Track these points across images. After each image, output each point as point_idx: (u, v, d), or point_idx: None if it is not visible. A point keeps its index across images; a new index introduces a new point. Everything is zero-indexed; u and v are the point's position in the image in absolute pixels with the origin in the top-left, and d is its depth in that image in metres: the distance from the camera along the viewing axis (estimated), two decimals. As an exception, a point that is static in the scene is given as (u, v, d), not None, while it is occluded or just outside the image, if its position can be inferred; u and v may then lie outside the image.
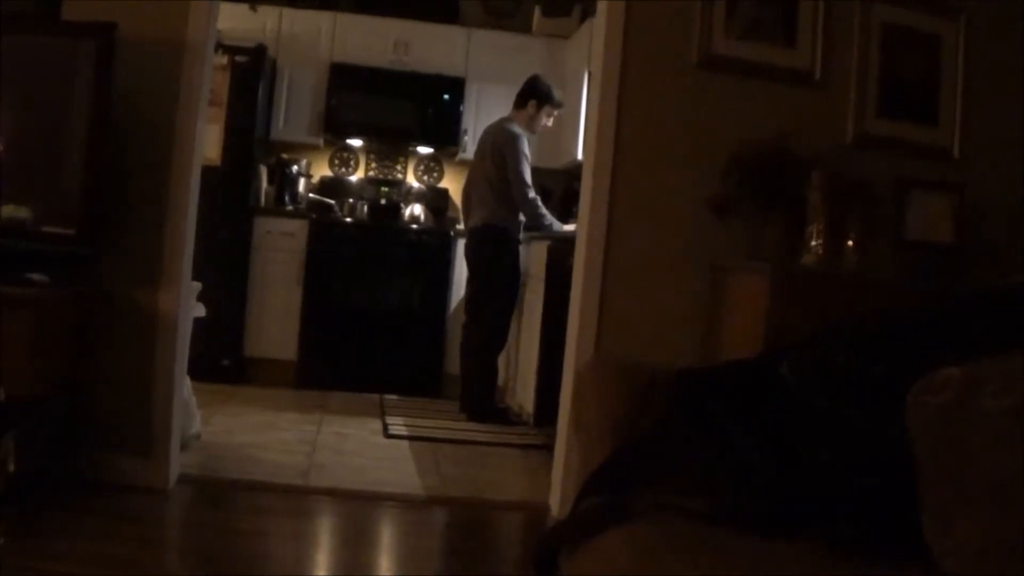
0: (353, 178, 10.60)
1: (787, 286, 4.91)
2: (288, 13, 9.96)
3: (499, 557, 5.36)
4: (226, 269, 8.95)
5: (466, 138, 10.17)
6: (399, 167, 10.74)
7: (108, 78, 5.04)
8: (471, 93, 10.26)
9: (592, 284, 5.51)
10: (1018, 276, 2.91)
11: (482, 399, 8.47)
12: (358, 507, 5.64)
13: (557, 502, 5.68)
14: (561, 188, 10.22)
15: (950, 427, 1.91)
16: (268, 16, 9.80)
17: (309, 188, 10.18)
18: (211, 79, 5.75)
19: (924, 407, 1.98)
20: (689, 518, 2.60)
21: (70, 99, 5.03)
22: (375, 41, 10.08)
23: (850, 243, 5.23)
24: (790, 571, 2.23)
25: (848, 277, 5.15)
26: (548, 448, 6.70)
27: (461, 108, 10.21)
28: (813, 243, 5.19)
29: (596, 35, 5.84)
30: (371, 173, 10.67)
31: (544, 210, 8.36)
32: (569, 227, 7.97)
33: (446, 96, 10.17)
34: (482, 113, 9.93)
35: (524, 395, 8.35)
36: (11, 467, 3.87)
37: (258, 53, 9.25)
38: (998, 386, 1.86)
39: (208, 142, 7.38)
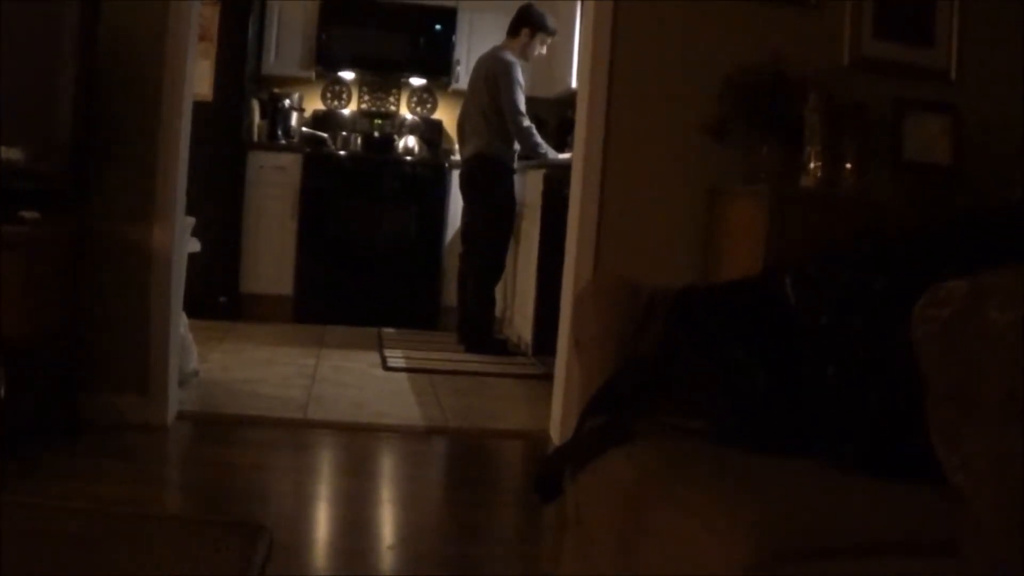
0: (346, 111, 10.56)
1: (786, 208, 4.89)
2: (277, -54, 9.87)
3: (500, 484, 5.37)
4: (220, 205, 8.93)
5: (459, 68, 10.14)
6: (392, 99, 10.70)
7: (96, 14, 5.00)
8: (463, 23, 10.21)
9: (589, 210, 5.48)
10: (1017, 195, 2.90)
11: (480, 330, 8.47)
12: (358, 439, 5.64)
13: (557, 430, 5.68)
14: (556, 117, 10.16)
15: (956, 340, 1.89)
16: (257, -50, 9.72)
17: (302, 122, 10.15)
18: (200, 13, 5.70)
19: (929, 320, 1.96)
20: (691, 437, 2.60)
21: (58, 36, 4.98)
22: (365, -28, 9.99)
23: (848, 165, 5.20)
24: (794, 489, 2.22)
25: (847, 198, 5.13)
26: (547, 377, 6.71)
27: (453, 38, 10.17)
28: (811, 165, 5.16)
29: (588, -40, 5.79)
30: (364, 106, 10.64)
31: (539, 138, 8.32)
32: (564, 156, 7.94)
33: (438, 26, 10.11)
34: (475, 43, 9.88)
35: (522, 325, 8.35)
36: (1, 392, 3.86)
37: (248, -13, 9.18)
38: (1004, 298, 1.84)
39: (199, 78, 7.35)
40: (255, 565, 3.60)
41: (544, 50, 8.70)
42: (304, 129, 10.11)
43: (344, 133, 10.24)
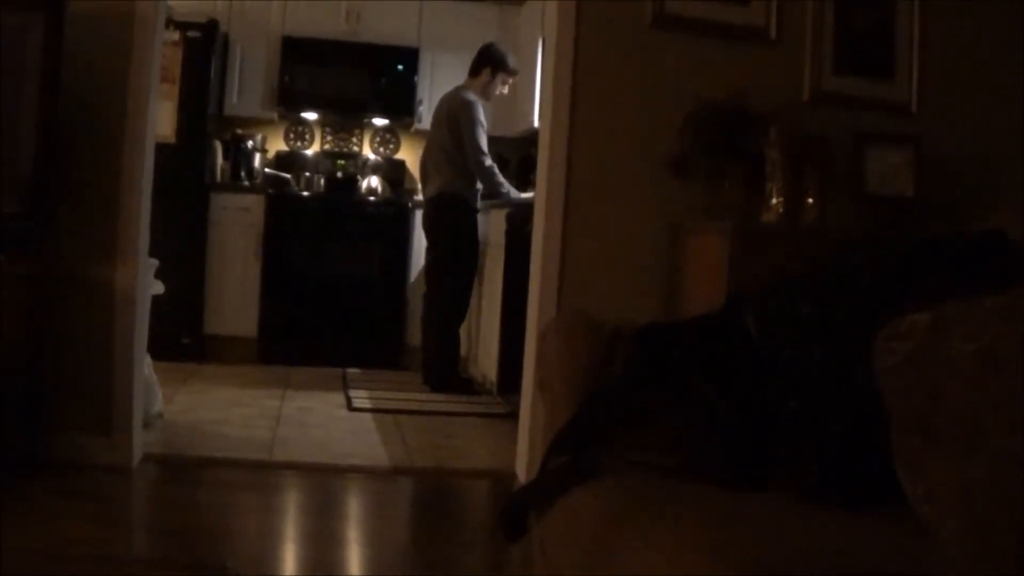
0: (308, 152, 10.55)
1: (747, 243, 4.90)
2: (239, -13, 9.87)
3: (466, 524, 5.36)
4: (183, 246, 8.89)
5: (421, 108, 10.14)
6: (354, 139, 10.70)
7: (58, 53, 4.99)
8: (425, 62, 10.21)
9: (552, 247, 5.49)
10: (977, 226, 2.90)
11: (445, 369, 8.46)
12: (323, 480, 5.62)
13: (523, 469, 5.67)
14: (518, 156, 10.20)
15: (919, 372, 1.90)
16: (219, -10, 9.72)
17: (264, 163, 10.13)
18: (162, 53, 5.69)
19: (891, 353, 1.96)
20: (657, 473, 2.59)
21: (19, 75, 4.97)
22: (326, 12, 9.98)
23: (810, 199, 5.22)
24: (761, 523, 2.22)
25: (808, 233, 5.15)
26: (512, 416, 6.70)
27: (415, 78, 10.17)
28: (773, 200, 5.18)
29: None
30: (326, 146, 10.63)
31: (501, 178, 8.34)
32: (527, 195, 7.96)
33: (400, 66, 10.12)
34: (437, 82, 9.89)
35: (487, 364, 8.34)
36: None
37: (210, 28, 9.17)
38: (966, 330, 1.85)
39: (162, 119, 7.34)
40: (220, 607, 3.59)
41: (506, 89, 8.74)
42: (267, 170, 10.09)
43: (307, 174, 10.23)
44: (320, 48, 9.96)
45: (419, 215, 9.23)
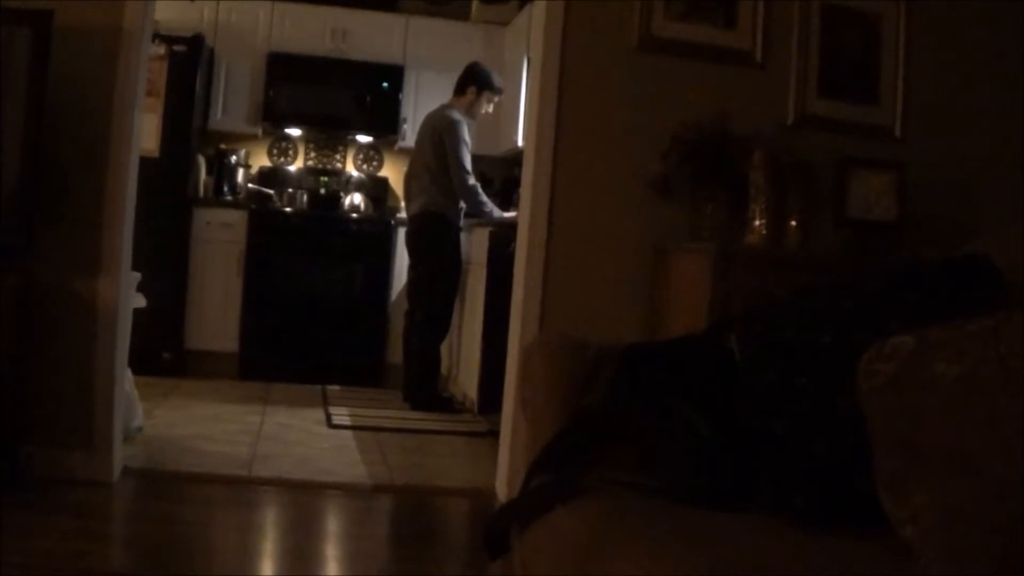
0: (292, 168, 10.54)
1: (730, 265, 4.91)
2: (225, 2, 9.84)
3: (447, 542, 5.35)
4: (166, 261, 8.86)
5: (405, 126, 10.14)
6: (338, 156, 10.70)
7: (44, 66, 4.98)
8: (410, 81, 10.21)
9: (535, 267, 5.49)
10: (960, 251, 2.91)
11: (425, 387, 8.45)
12: (303, 497, 5.61)
13: (503, 488, 5.67)
14: (502, 175, 10.21)
15: (902, 395, 1.91)
16: (205, 5, 9.71)
17: (248, 178, 10.12)
18: (148, 68, 5.69)
19: (875, 375, 1.97)
20: (639, 493, 2.60)
21: (5, 88, 4.96)
22: (313, 29, 10.00)
23: (792, 222, 5.24)
24: (743, 544, 2.23)
25: (791, 256, 5.16)
26: (493, 435, 6.70)
27: (400, 96, 10.17)
28: (756, 223, 5.19)
29: (535, 20, 5.83)
30: (310, 163, 10.62)
31: (484, 197, 8.34)
32: (510, 214, 7.96)
33: (385, 84, 10.13)
34: (421, 101, 9.89)
35: (468, 382, 8.33)
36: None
37: (196, 43, 9.16)
38: (949, 353, 1.86)
39: (146, 133, 7.32)
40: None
41: (491, 108, 8.74)
42: (250, 185, 10.08)
43: (290, 190, 10.20)
44: (305, 65, 9.96)
45: (402, 233, 9.22)
